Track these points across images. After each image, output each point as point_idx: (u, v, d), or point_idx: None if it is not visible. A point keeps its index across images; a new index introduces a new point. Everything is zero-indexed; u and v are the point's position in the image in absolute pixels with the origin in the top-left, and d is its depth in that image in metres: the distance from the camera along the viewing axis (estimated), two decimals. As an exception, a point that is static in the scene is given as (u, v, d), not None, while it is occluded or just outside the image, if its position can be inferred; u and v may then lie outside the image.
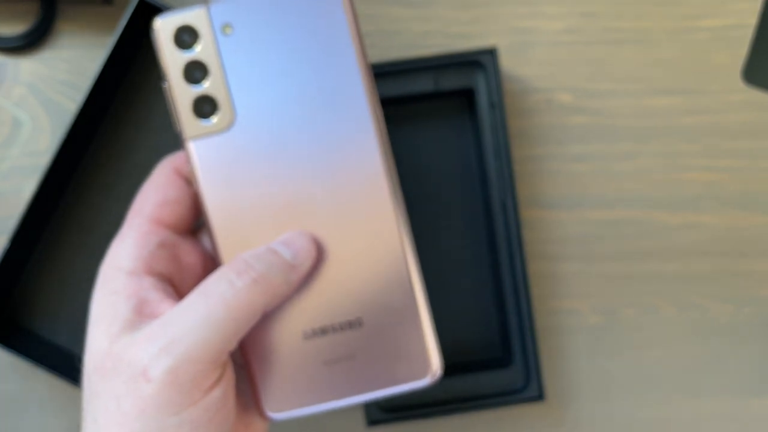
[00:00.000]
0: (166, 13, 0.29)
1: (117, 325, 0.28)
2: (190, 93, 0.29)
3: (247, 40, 0.29)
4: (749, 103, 0.46)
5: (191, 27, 0.29)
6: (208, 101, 0.29)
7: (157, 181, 0.31)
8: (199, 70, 0.29)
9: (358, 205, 0.30)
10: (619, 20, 0.46)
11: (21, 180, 0.45)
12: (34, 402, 0.45)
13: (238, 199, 0.30)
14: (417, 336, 0.30)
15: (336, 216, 0.30)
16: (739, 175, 0.46)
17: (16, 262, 0.44)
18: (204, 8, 0.29)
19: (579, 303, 0.46)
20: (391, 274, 0.30)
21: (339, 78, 0.29)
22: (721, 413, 0.46)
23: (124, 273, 0.29)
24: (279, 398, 0.30)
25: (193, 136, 0.29)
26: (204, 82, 0.29)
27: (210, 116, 0.29)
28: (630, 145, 0.46)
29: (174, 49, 0.29)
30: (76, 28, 0.46)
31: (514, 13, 0.46)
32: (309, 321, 0.30)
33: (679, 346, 0.46)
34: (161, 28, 0.29)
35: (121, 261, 0.29)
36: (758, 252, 0.46)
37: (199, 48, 0.29)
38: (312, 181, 0.29)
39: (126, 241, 0.30)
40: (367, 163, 0.30)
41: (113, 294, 0.29)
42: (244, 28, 0.29)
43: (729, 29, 0.46)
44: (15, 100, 0.45)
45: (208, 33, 0.29)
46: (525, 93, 0.46)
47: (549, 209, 0.46)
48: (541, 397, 0.42)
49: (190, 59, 0.29)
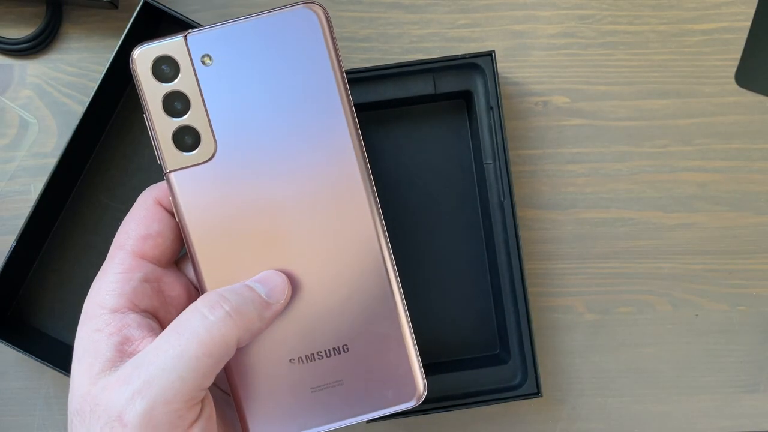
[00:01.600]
0: (145, 44, 0.29)
1: (98, 365, 0.28)
2: (170, 125, 0.28)
3: (227, 70, 0.28)
4: (742, 106, 0.47)
5: (170, 57, 0.28)
6: (189, 133, 0.28)
7: (139, 214, 0.30)
8: (180, 101, 0.28)
9: (342, 234, 0.29)
10: (614, 24, 0.47)
11: (28, 181, 0.46)
12: (41, 398, 0.45)
13: (222, 230, 0.29)
14: (402, 360, 0.30)
15: (320, 246, 0.29)
16: (732, 175, 0.47)
17: (23, 261, 0.44)
18: (182, 38, 0.28)
19: (575, 301, 0.46)
20: (376, 302, 0.30)
21: (320, 107, 0.29)
22: (714, 409, 0.46)
23: (108, 310, 0.29)
24: (267, 425, 0.30)
25: (174, 168, 0.29)
26: (184, 114, 0.28)
27: (191, 149, 0.28)
28: (625, 147, 0.46)
29: (153, 81, 0.28)
30: (83, 31, 0.46)
31: (511, 17, 0.47)
32: (295, 349, 0.30)
33: (673, 344, 0.46)
34: (139, 59, 0.29)
35: (104, 298, 0.29)
36: (751, 251, 0.47)
37: (178, 79, 0.28)
38: (294, 212, 0.29)
39: (109, 276, 0.29)
40: (351, 193, 0.29)
41: (96, 332, 0.28)
42: (223, 57, 0.28)
43: (722, 32, 0.47)
44: (22, 102, 0.46)
45: (187, 64, 0.28)
46: (522, 95, 0.46)
47: (545, 209, 0.46)
48: (539, 394, 0.43)
49: (169, 91, 0.28)
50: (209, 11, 0.46)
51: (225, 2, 0.46)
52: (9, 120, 0.46)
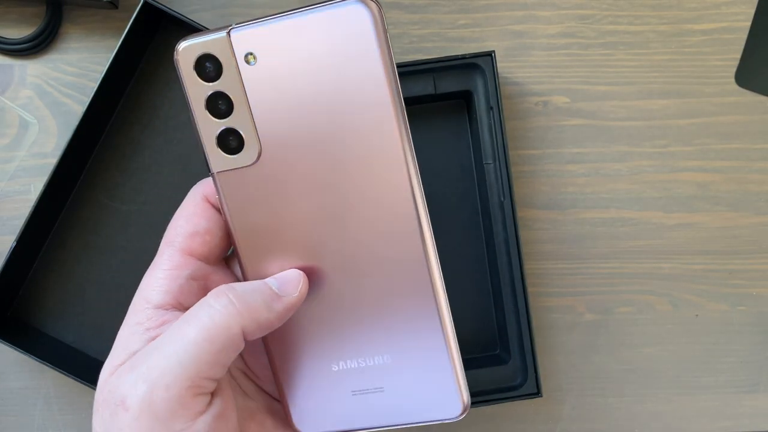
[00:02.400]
0: (189, 38, 0.27)
1: (123, 356, 0.28)
2: (214, 126, 0.27)
3: (272, 70, 0.27)
4: (742, 105, 0.47)
5: (213, 56, 0.27)
6: (233, 135, 0.27)
7: (188, 211, 0.30)
8: (223, 102, 0.27)
9: (389, 241, 0.28)
10: (614, 24, 0.47)
11: (28, 181, 0.46)
12: (41, 398, 0.45)
13: (265, 231, 0.28)
14: (446, 373, 0.29)
15: (365, 254, 0.28)
16: (732, 175, 0.47)
17: (23, 261, 0.44)
18: (225, 34, 0.27)
19: (575, 301, 0.46)
20: (421, 315, 0.29)
21: (370, 111, 0.27)
22: (714, 409, 0.46)
23: (152, 306, 0.29)
24: (308, 419, 0.30)
25: (219, 169, 0.28)
26: (228, 116, 0.27)
27: (235, 152, 0.28)
28: (625, 147, 0.47)
29: (196, 79, 0.27)
30: (82, 31, 0.46)
31: (511, 17, 0.47)
32: (337, 354, 0.29)
33: (674, 344, 0.46)
34: (182, 55, 0.27)
35: (151, 293, 0.29)
36: (751, 251, 0.47)
37: (221, 79, 0.27)
38: (339, 217, 0.28)
39: (157, 272, 0.29)
40: (399, 199, 0.28)
41: (136, 325, 0.28)
42: (268, 56, 0.26)
43: (722, 32, 0.47)
44: (22, 102, 0.46)
45: (230, 63, 0.27)
46: (522, 95, 0.46)
47: (545, 209, 0.47)
48: (539, 394, 0.43)
49: (213, 91, 0.27)
50: (209, 11, 0.46)
51: (225, 2, 0.46)
52: (9, 120, 0.46)
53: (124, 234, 0.45)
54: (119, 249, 0.45)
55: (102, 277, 0.45)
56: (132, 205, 0.45)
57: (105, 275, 0.45)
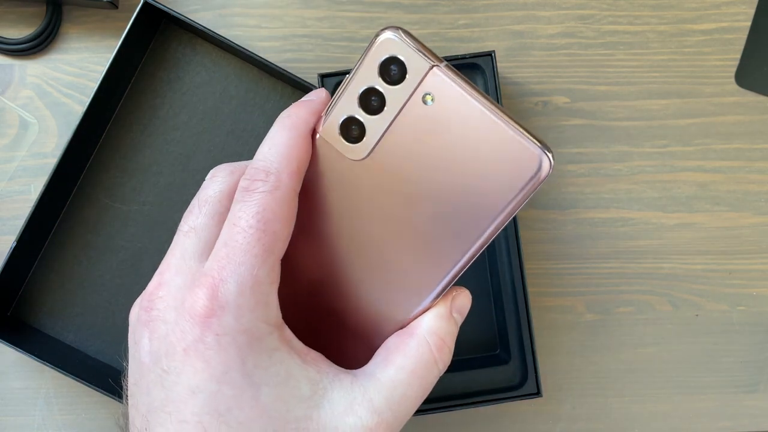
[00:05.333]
0: (400, 34, 0.26)
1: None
2: (354, 109, 0.27)
3: (431, 120, 0.26)
4: (742, 105, 0.47)
5: (405, 69, 0.26)
6: (360, 128, 0.27)
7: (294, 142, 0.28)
8: (378, 102, 0.27)
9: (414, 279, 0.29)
10: (614, 24, 0.47)
11: (28, 181, 0.46)
12: (41, 398, 0.45)
13: (311, 206, 0.29)
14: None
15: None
16: (732, 175, 0.47)
17: (23, 261, 0.44)
18: (429, 65, 0.26)
19: (575, 301, 0.46)
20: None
21: (466, 223, 0.27)
22: (714, 409, 0.46)
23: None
24: None
25: (324, 137, 0.28)
26: (370, 114, 0.27)
27: (347, 140, 0.28)
28: (625, 147, 0.47)
29: (375, 67, 0.27)
30: (83, 31, 0.46)
31: (511, 17, 0.47)
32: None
33: (674, 344, 0.46)
34: (382, 43, 0.26)
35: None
36: (751, 251, 0.47)
37: (392, 87, 0.26)
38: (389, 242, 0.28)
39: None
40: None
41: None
42: (440, 109, 0.26)
43: (722, 32, 0.47)
44: (22, 102, 0.46)
45: (410, 87, 0.26)
46: (522, 95, 0.47)
47: (545, 209, 0.47)
48: (539, 394, 0.43)
49: (377, 88, 0.27)
50: (209, 11, 0.46)
51: (225, 2, 0.46)
52: (9, 120, 0.46)
53: (124, 234, 0.45)
54: (119, 249, 0.45)
55: (102, 277, 0.45)
56: (132, 205, 0.45)
57: (105, 275, 0.45)
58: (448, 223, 0.27)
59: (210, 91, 0.45)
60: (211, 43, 0.45)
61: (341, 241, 0.29)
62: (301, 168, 0.27)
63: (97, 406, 0.45)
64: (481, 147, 0.26)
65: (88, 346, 0.45)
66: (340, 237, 0.29)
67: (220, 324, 0.25)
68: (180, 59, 0.45)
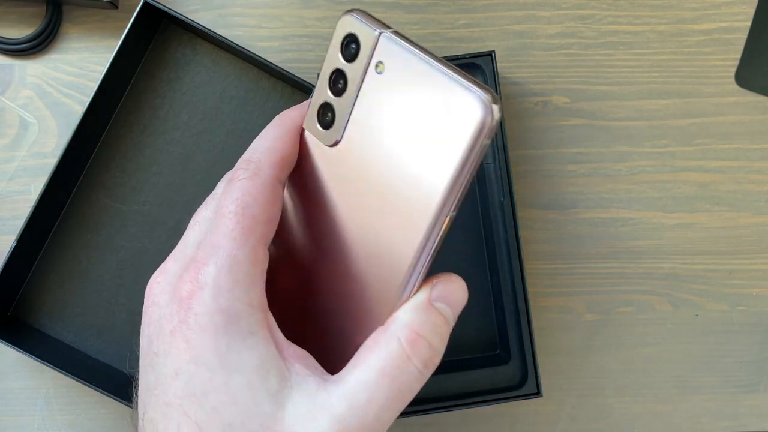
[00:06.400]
0: (357, 14, 0.27)
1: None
2: (326, 95, 0.28)
3: (386, 90, 0.26)
4: (742, 106, 0.47)
5: (358, 42, 0.27)
6: (329, 113, 0.28)
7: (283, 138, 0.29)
8: (342, 83, 0.27)
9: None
10: (614, 24, 0.47)
11: (28, 181, 0.46)
12: (41, 398, 0.45)
13: (301, 201, 0.29)
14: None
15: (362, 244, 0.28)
16: (732, 175, 0.47)
17: (23, 261, 0.44)
18: (377, 33, 0.26)
19: (575, 301, 0.46)
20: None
21: (424, 187, 0.26)
22: (714, 409, 0.46)
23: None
24: None
25: (308, 128, 0.29)
26: (339, 96, 0.28)
27: (323, 126, 0.28)
28: (625, 147, 0.47)
29: (338, 50, 0.28)
30: (83, 31, 0.46)
31: (511, 17, 0.47)
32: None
33: (674, 344, 0.46)
34: (343, 22, 0.27)
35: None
36: (751, 251, 0.47)
37: (351, 64, 0.27)
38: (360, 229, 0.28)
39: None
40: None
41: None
42: (392, 77, 0.26)
43: (722, 32, 0.47)
44: (22, 102, 0.46)
45: (365, 58, 0.27)
46: (522, 96, 0.47)
47: (545, 209, 0.47)
48: (539, 394, 0.43)
49: (341, 68, 0.27)
50: (209, 11, 0.46)
51: (224, 2, 0.46)
52: (9, 120, 0.46)
53: (124, 234, 0.45)
54: (119, 249, 0.45)
55: (102, 277, 0.45)
56: (132, 205, 0.45)
57: (105, 275, 0.45)
58: (411, 197, 0.26)
59: (210, 91, 0.45)
60: (211, 43, 0.45)
61: (328, 235, 0.29)
62: (286, 159, 0.28)
63: (97, 406, 0.45)
64: (430, 106, 0.25)
65: (88, 346, 0.45)
66: (326, 230, 0.29)
67: (200, 304, 0.25)
68: (180, 59, 0.45)
